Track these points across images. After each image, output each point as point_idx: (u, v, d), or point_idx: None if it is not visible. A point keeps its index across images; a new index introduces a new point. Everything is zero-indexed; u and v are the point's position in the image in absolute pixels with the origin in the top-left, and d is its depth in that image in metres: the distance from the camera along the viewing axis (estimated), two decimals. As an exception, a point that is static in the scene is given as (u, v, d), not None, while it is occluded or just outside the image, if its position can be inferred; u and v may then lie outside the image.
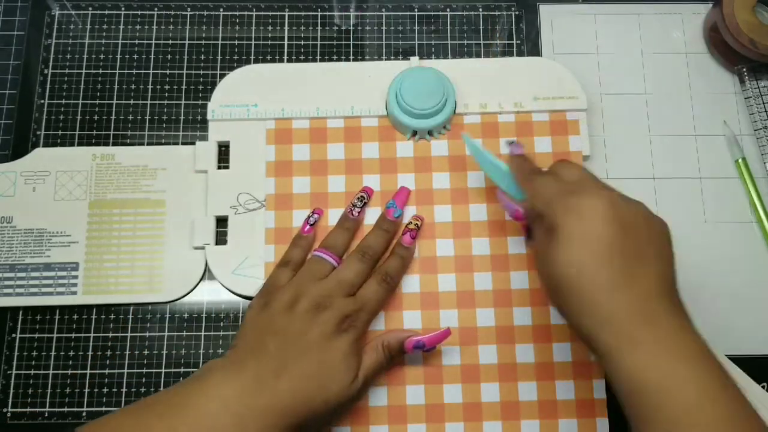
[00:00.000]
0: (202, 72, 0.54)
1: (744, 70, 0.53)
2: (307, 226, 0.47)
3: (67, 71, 0.53)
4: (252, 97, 0.51)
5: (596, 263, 0.35)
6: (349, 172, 0.49)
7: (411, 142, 0.50)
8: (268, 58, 0.54)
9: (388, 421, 0.45)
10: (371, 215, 0.48)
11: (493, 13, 0.56)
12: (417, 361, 0.46)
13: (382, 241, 0.46)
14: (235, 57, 0.54)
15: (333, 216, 0.48)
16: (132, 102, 0.53)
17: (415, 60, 0.52)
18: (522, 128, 0.50)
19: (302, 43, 0.55)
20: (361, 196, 0.48)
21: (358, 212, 0.47)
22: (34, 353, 0.48)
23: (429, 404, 0.45)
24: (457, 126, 0.50)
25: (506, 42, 0.55)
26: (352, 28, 0.55)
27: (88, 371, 0.47)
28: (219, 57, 0.54)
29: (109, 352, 0.48)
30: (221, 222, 0.49)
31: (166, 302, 0.48)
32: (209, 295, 0.49)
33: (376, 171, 0.49)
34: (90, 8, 0.55)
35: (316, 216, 0.47)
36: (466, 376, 0.45)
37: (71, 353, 0.48)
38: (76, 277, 0.48)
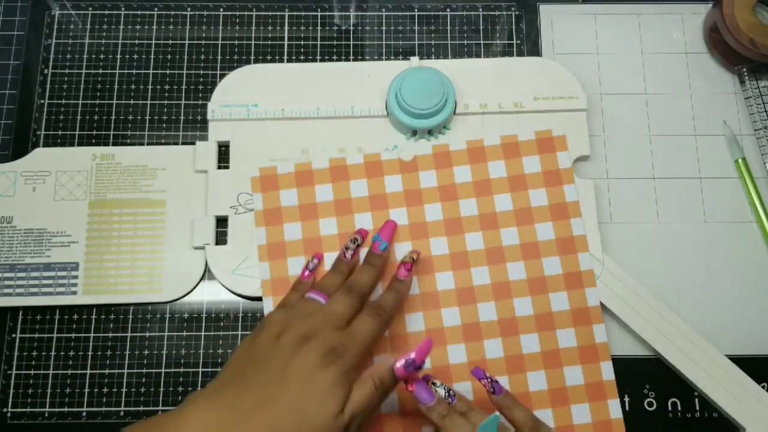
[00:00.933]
0: (202, 72, 0.54)
1: (744, 70, 0.53)
2: (307, 272, 0.47)
3: (67, 71, 0.53)
4: (252, 97, 0.51)
5: None
6: (339, 213, 0.48)
7: (399, 176, 0.49)
8: (268, 58, 0.54)
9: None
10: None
11: (493, 13, 0.56)
12: None
13: (368, 275, 0.45)
14: (235, 57, 0.54)
15: (328, 260, 0.48)
16: (132, 102, 0.53)
17: (415, 60, 0.52)
18: (508, 149, 0.50)
19: (302, 43, 0.55)
20: (354, 238, 0.47)
21: (351, 254, 0.46)
22: (34, 353, 0.48)
23: None
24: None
25: (506, 42, 0.55)
26: (352, 28, 0.55)
27: (88, 371, 0.47)
28: (219, 57, 0.54)
29: (109, 352, 0.48)
30: (221, 222, 0.49)
31: (166, 302, 0.48)
32: (209, 295, 0.49)
33: (366, 209, 0.49)
34: (90, 8, 0.55)
35: (315, 261, 0.47)
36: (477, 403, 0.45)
37: (71, 353, 0.48)
38: (76, 277, 0.48)
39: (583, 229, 0.48)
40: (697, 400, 0.47)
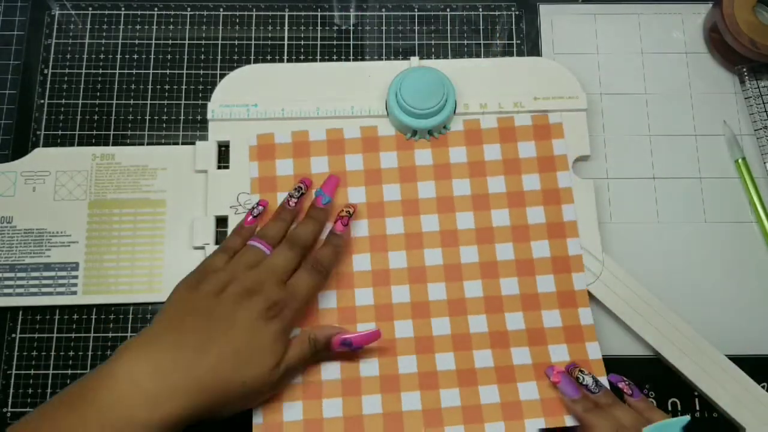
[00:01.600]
0: (202, 72, 0.54)
1: (744, 70, 0.53)
2: (250, 217, 0.47)
3: (67, 71, 0.53)
4: (252, 97, 0.51)
5: None
6: (309, 189, 0.48)
7: (395, 152, 0.50)
8: (268, 58, 0.54)
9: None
10: (358, 230, 0.48)
11: (493, 13, 0.56)
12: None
13: (310, 229, 0.46)
14: (235, 57, 0.54)
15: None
16: (132, 102, 0.53)
17: (415, 60, 0.52)
18: (504, 134, 0.50)
19: (302, 43, 0.55)
20: (299, 187, 0.47)
21: (295, 203, 0.47)
22: (34, 353, 0.48)
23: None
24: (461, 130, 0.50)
25: (506, 42, 0.55)
26: (352, 28, 0.55)
27: (88, 371, 0.47)
28: (219, 57, 0.54)
29: (109, 352, 0.48)
30: (221, 222, 0.49)
31: (166, 302, 0.48)
32: (209, 295, 0.49)
33: (361, 183, 0.49)
34: (90, 8, 0.55)
35: (260, 208, 0.47)
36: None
37: (71, 353, 0.48)
38: (76, 277, 0.48)
39: (575, 215, 0.48)
40: (697, 400, 0.47)
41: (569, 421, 0.44)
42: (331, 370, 0.45)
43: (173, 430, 0.37)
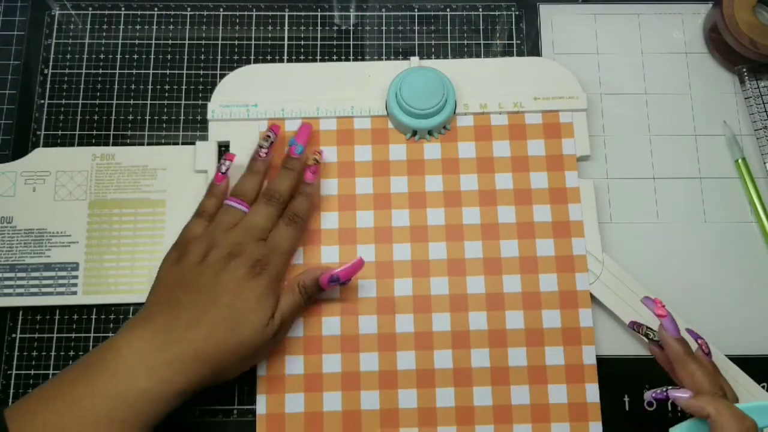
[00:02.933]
0: (202, 72, 0.54)
1: (744, 70, 0.53)
2: (219, 174, 0.47)
3: (67, 71, 0.53)
4: (252, 97, 0.51)
5: None
6: (341, 175, 0.49)
7: (404, 145, 0.50)
8: (268, 58, 0.54)
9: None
10: (364, 221, 0.48)
11: (493, 13, 0.56)
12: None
13: (287, 180, 0.46)
14: (235, 57, 0.54)
15: (327, 219, 0.48)
16: (132, 102, 0.53)
17: (415, 60, 0.52)
18: (514, 131, 0.50)
19: (302, 43, 0.55)
20: (267, 135, 0.47)
21: (266, 152, 0.47)
22: (34, 353, 0.48)
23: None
24: (455, 129, 0.50)
25: (506, 42, 0.55)
26: (352, 28, 0.55)
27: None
28: (219, 57, 0.54)
29: (109, 352, 0.48)
30: (221, 222, 0.49)
31: (166, 302, 0.48)
32: (209, 295, 0.49)
33: (369, 174, 0.49)
34: (90, 8, 0.55)
35: (228, 162, 0.47)
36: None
37: (71, 353, 0.48)
38: (76, 277, 0.48)
39: (581, 215, 0.48)
40: (697, 400, 0.47)
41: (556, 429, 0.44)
42: (332, 364, 0.46)
43: (179, 397, 0.39)
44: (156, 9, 0.55)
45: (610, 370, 0.47)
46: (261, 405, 0.45)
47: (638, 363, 0.48)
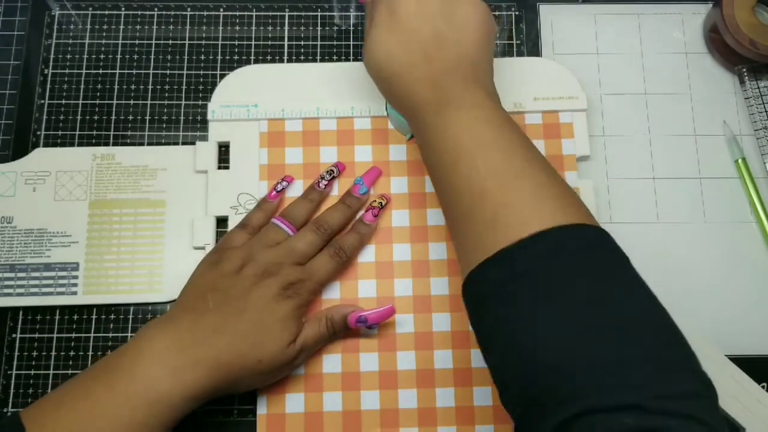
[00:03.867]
0: (202, 72, 0.54)
1: (744, 70, 0.53)
2: (274, 192, 0.47)
3: (67, 71, 0.53)
4: (252, 97, 0.51)
5: (399, 48, 0.40)
6: (341, 175, 0.49)
7: (404, 146, 0.50)
8: (268, 58, 0.54)
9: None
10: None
11: (492, 13, 0.56)
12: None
13: (340, 215, 0.46)
14: (235, 57, 0.54)
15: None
16: (132, 102, 0.53)
17: (415, 60, 0.52)
18: None
19: (302, 43, 0.55)
20: (331, 170, 0.48)
21: (325, 185, 0.47)
22: (34, 353, 0.48)
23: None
24: None
25: (506, 42, 0.55)
26: (352, 28, 0.55)
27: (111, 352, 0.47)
28: (219, 57, 0.54)
29: (109, 352, 0.48)
30: (221, 222, 0.49)
31: (166, 302, 0.48)
32: (209, 295, 0.49)
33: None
34: (90, 8, 0.55)
35: (285, 183, 0.47)
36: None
37: (71, 353, 0.48)
38: (76, 277, 0.48)
39: None
40: (697, 400, 0.47)
41: None
42: (332, 364, 0.46)
43: (195, 401, 0.39)
44: (156, 9, 0.55)
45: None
46: (261, 405, 0.45)
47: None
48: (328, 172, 0.48)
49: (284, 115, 0.50)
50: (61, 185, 0.50)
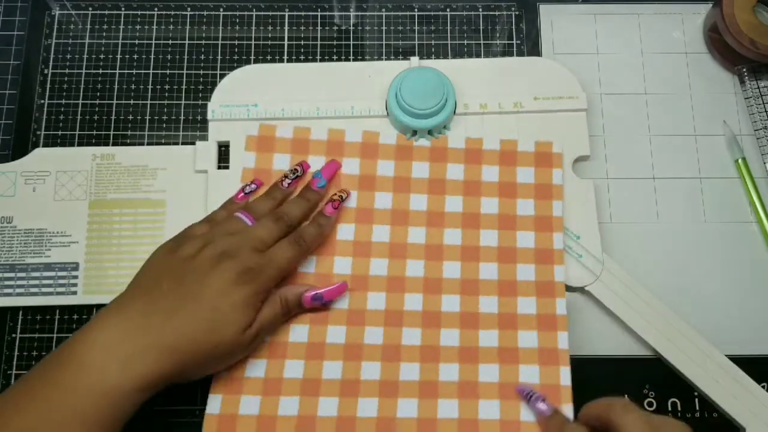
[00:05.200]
0: (202, 72, 0.54)
1: (744, 70, 0.53)
2: (241, 194, 0.47)
3: (67, 71, 0.53)
4: (252, 97, 0.51)
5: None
6: (361, 188, 0.48)
7: (393, 162, 0.49)
8: (268, 58, 0.54)
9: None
10: (344, 234, 0.48)
11: (493, 13, 0.56)
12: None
13: (300, 208, 0.46)
14: (235, 57, 0.54)
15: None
16: (132, 102, 0.53)
17: (415, 60, 0.52)
18: (505, 157, 0.49)
19: (302, 43, 0.55)
20: (295, 169, 0.47)
21: (289, 184, 0.47)
22: (34, 353, 0.48)
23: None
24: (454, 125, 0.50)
25: (506, 42, 0.55)
26: (352, 28, 0.55)
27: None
28: (219, 57, 0.54)
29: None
30: (221, 222, 0.49)
31: (166, 302, 0.48)
32: (209, 295, 0.49)
33: (354, 187, 0.48)
34: (90, 8, 0.55)
35: (253, 186, 0.47)
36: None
37: (71, 353, 0.48)
38: (76, 277, 0.48)
39: (563, 244, 0.48)
40: (697, 400, 0.47)
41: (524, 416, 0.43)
42: (293, 368, 0.44)
43: (148, 391, 0.38)
44: (156, 9, 0.55)
45: (609, 370, 0.47)
46: (214, 405, 0.43)
47: (638, 363, 0.48)
48: (292, 171, 0.47)
49: (284, 114, 0.50)
50: (61, 185, 0.50)
